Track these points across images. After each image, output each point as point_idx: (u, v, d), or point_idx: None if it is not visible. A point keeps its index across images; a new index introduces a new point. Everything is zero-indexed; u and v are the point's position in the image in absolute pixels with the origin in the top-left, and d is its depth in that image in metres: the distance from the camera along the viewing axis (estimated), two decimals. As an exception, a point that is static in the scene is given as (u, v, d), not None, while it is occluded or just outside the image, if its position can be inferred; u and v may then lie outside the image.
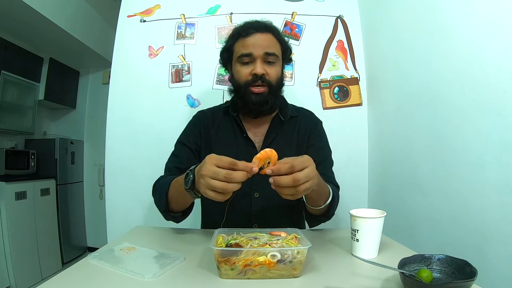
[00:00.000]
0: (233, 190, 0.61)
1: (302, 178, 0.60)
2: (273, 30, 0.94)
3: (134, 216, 1.45)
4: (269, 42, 0.92)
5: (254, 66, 0.91)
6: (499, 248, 0.79)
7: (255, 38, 0.91)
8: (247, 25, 0.93)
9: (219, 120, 1.02)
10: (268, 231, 0.67)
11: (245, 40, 0.91)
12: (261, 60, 0.91)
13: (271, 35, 0.93)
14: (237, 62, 0.93)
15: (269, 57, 0.91)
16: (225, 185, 0.60)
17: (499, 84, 0.79)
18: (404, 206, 1.21)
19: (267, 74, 0.91)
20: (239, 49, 0.92)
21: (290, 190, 0.62)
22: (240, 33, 0.92)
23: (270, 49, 0.91)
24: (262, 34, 0.91)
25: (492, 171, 0.82)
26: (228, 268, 0.57)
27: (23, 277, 2.35)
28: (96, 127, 3.37)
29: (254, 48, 0.90)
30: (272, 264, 0.57)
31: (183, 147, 0.99)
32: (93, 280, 0.57)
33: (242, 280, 0.57)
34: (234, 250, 0.57)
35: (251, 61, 0.91)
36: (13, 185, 2.39)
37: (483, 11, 0.85)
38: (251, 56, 0.90)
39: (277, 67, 0.94)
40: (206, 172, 0.61)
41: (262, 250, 0.57)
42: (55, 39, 2.72)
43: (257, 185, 0.92)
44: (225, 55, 0.98)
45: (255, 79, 0.90)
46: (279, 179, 0.61)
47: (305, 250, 0.58)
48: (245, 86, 0.92)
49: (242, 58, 0.91)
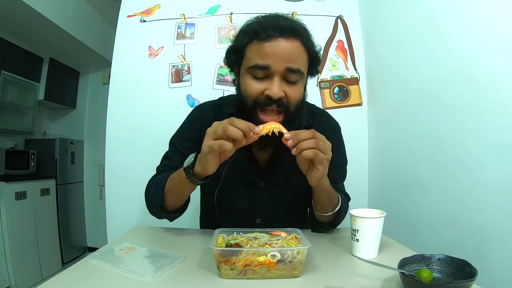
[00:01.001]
0: (233, 132, 0.60)
1: (320, 138, 0.64)
2: (302, 35, 0.71)
3: (134, 216, 1.44)
4: (295, 53, 0.70)
5: (269, 84, 0.70)
6: (499, 248, 0.79)
7: (277, 45, 0.68)
8: (267, 23, 0.71)
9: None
10: (268, 231, 0.67)
11: (262, 46, 0.69)
12: (280, 77, 0.70)
13: (298, 42, 0.70)
14: (247, 73, 0.72)
15: (292, 75, 0.70)
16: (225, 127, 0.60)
17: (499, 84, 0.79)
18: (404, 206, 1.21)
19: (286, 96, 0.71)
20: (253, 56, 0.70)
21: (310, 142, 0.63)
22: (258, 33, 0.70)
23: (294, 64, 0.70)
24: (287, 41, 0.69)
25: (492, 171, 0.82)
26: (228, 268, 0.57)
27: (23, 277, 2.35)
28: (96, 127, 3.37)
29: (274, 60, 0.68)
30: (272, 264, 0.56)
31: (176, 151, 0.87)
32: (93, 280, 0.57)
33: (242, 280, 0.57)
34: (234, 250, 0.57)
35: (266, 76, 0.70)
36: (13, 185, 2.39)
37: (483, 11, 0.85)
38: (268, 70, 0.69)
39: (300, 86, 0.73)
40: (209, 129, 0.63)
41: (262, 250, 0.57)
42: (55, 39, 2.72)
43: (260, 209, 0.87)
44: (232, 57, 0.77)
45: (268, 101, 0.70)
46: (300, 134, 0.63)
47: (305, 250, 0.58)
48: (253, 107, 0.72)
49: (255, 70, 0.70)
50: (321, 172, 0.68)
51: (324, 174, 0.70)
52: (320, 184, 0.73)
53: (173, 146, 0.90)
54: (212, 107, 0.91)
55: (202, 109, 0.92)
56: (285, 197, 0.86)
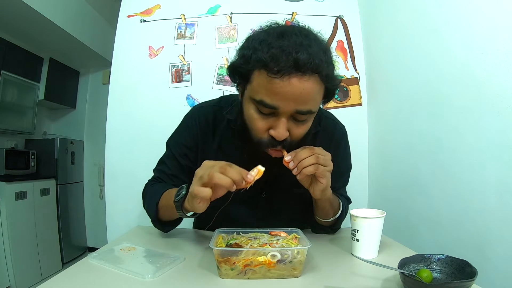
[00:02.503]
0: (219, 181, 0.57)
1: (318, 150, 0.64)
2: (321, 69, 0.59)
3: (134, 216, 1.44)
4: (309, 94, 0.60)
5: (275, 124, 0.63)
6: (499, 248, 0.79)
7: (290, 85, 0.57)
8: (282, 55, 0.57)
9: (221, 133, 0.81)
10: (268, 231, 0.68)
11: (272, 83, 0.58)
12: (287, 118, 0.62)
13: (316, 80, 0.59)
14: (252, 103, 0.64)
15: (301, 116, 0.63)
16: (212, 173, 0.57)
17: (499, 84, 0.79)
18: (404, 206, 1.21)
19: (290, 135, 0.65)
20: (260, 89, 0.60)
21: (310, 159, 0.63)
22: (268, 65, 0.58)
23: (305, 106, 0.61)
24: (303, 79, 0.58)
25: (492, 171, 0.82)
26: (228, 268, 0.57)
27: (23, 277, 2.35)
28: (96, 127, 3.37)
29: (283, 102, 0.59)
30: (272, 264, 0.56)
31: (172, 156, 0.84)
32: (93, 280, 0.57)
33: (242, 280, 0.57)
34: (234, 250, 0.57)
35: (272, 113, 0.63)
36: (13, 185, 2.39)
37: (482, 11, 0.85)
38: (275, 110, 0.61)
39: (309, 122, 0.67)
40: (200, 169, 0.60)
41: (262, 250, 0.57)
42: (55, 39, 2.72)
43: (262, 220, 0.83)
44: (236, 77, 0.68)
45: (273, 142, 0.65)
46: (299, 153, 0.63)
47: (305, 250, 0.58)
48: (258, 145, 0.67)
49: (261, 106, 0.62)
50: (324, 184, 0.68)
51: (327, 186, 0.70)
52: (323, 195, 0.73)
53: (169, 151, 0.87)
54: (212, 108, 0.85)
55: (200, 111, 0.86)
56: (288, 208, 0.86)
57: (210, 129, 0.82)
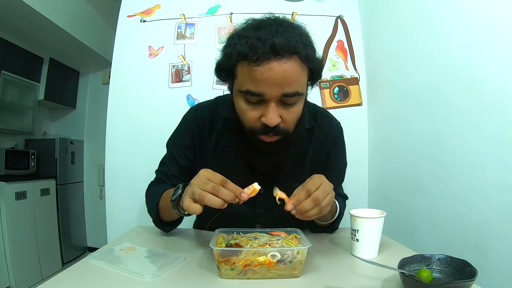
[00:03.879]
0: (209, 202, 0.57)
1: (320, 195, 0.60)
2: (299, 50, 0.61)
3: (134, 216, 1.44)
4: (292, 75, 0.61)
5: (265, 111, 0.63)
6: (499, 248, 0.79)
7: (270, 70, 0.59)
8: (258, 43, 0.59)
9: (218, 132, 0.83)
10: (268, 231, 0.68)
11: (254, 70, 0.60)
12: (276, 103, 0.63)
13: (296, 61, 0.61)
14: (240, 95, 0.65)
15: (289, 99, 0.63)
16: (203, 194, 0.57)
17: (499, 84, 0.79)
18: (404, 206, 1.21)
19: (283, 121, 0.65)
20: (244, 80, 0.62)
21: (313, 211, 0.61)
22: (247, 55, 0.60)
23: (291, 88, 0.61)
24: (282, 62, 0.59)
25: (492, 171, 0.82)
26: (228, 268, 0.57)
27: (23, 277, 2.35)
28: (96, 127, 3.37)
29: (268, 87, 0.60)
30: (272, 264, 0.56)
31: (171, 157, 0.86)
32: (93, 280, 0.57)
33: (242, 280, 0.57)
34: (234, 250, 0.57)
35: (261, 100, 0.64)
36: (13, 185, 2.39)
37: (482, 11, 0.85)
38: (262, 97, 0.62)
39: (299, 106, 0.67)
40: (195, 181, 0.59)
41: (262, 250, 0.57)
42: (55, 39, 2.72)
43: (260, 216, 0.85)
44: (222, 74, 0.70)
45: (266, 129, 0.65)
46: (302, 206, 0.60)
47: (305, 250, 0.58)
48: (251, 134, 0.67)
49: (249, 96, 0.63)
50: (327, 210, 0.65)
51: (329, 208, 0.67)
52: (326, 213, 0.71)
53: (169, 152, 0.89)
54: (208, 108, 0.87)
55: (196, 112, 0.87)
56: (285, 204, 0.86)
57: (207, 128, 0.84)
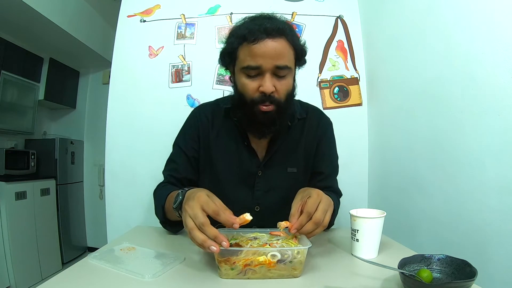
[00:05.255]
0: (197, 240, 0.57)
1: (320, 216, 0.63)
2: (286, 33, 0.78)
3: (134, 216, 1.44)
4: (281, 51, 0.76)
5: (262, 81, 0.77)
6: (499, 248, 0.79)
7: (265, 46, 0.75)
8: (255, 27, 0.76)
9: (219, 123, 0.93)
10: (268, 231, 0.68)
11: (252, 48, 0.75)
12: (270, 74, 0.77)
13: (284, 40, 0.77)
14: (241, 72, 0.80)
15: (280, 71, 0.78)
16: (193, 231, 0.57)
17: (499, 84, 0.79)
18: (404, 206, 1.21)
19: (276, 91, 0.78)
20: (245, 57, 0.78)
21: (316, 231, 0.64)
22: (246, 36, 0.76)
23: (281, 61, 0.76)
24: (274, 41, 0.75)
25: (492, 171, 0.82)
26: (228, 268, 0.57)
27: (23, 277, 2.35)
28: (96, 127, 3.37)
29: (263, 60, 0.75)
30: (272, 264, 0.57)
31: (180, 152, 0.93)
32: (93, 280, 0.57)
33: (242, 280, 0.57)
34: (234, 250, 0.57)
35: (258, 73, 0.78)
36: (13, 185, 2.39)
37: (483, 11, 0.85)
38: (259, 69, 0.77)
39: (289, 79, 0.81)
40: (189, 210, 0.59)
41: (262, 250, 0.57)
42: (55, 39, 2.72)
43: (259, 198, 0.90)
44: (226, 59, 0.84)
45: (263, 98, 0.78)
46: (304, 229, 0.63)
47: (305, 250, 0.58)
48: (252, 104, 0.79)
49: (248, 70, 0.78)
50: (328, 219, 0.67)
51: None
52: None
53: (178, 147, 0.94)
54: (210, 106, 0.98)
55: (199, 109, 0.99)
56: (282, 185, 0.90)
57: (210, 121, 0.94)
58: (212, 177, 0.91)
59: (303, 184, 0.88)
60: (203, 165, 0.92)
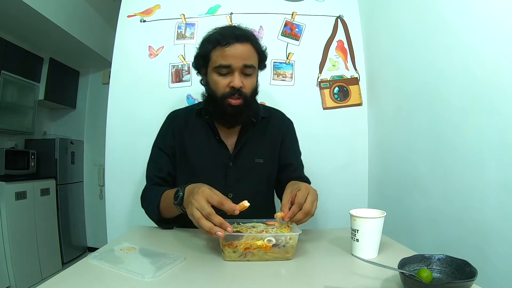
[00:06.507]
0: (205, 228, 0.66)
1: (309, 206, 0.72)
2: (252, 40, 0.92)
3: (134, 216, 1.44)
4: (248, 53, 0.90)
5: (232, 78, 0.90)
6: (499, 248, 0.79)
7: (235, 49, 0.88)
8: (226, 33, 0.90)
9: (192, 122, 1.03)
10: (264, 221, 0.78)
11: (224, 50, 0.88)
12: (239, 72, 0.90)
13: (250, 45, 0.91)
14: (214, 72, 0.92)
15: (247, 70, 0.91)
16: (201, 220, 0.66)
17: (499, 84, 0.79)
18: (404, 206, 1.21)
19: (244, 86, 0.91)
20: (217, 58, 0.90)
21: (305, 218, 0.73)
22: (220, 41, 0.89)
23: (248, 61, 0.90)
24: (242, 45, 0.89)
25: (492, 171, 0.82)
26: (231, 251, 0.65)
27: (23, 277, 2.35)
28: (96, 127, 3.37)
29: (234, 60, 0.88)
30: (268, 248, 0.65)
31: (160, 152, 1.01)
32: (93, 280, 0.57)
33: (242, 262, 0.65)
34: (236, 235, 0.66)
35: (228, 72, 0.90)
36: (13, 185, 2.39)
37: (483, 11, 0.85)
38: (230, 68, 0.89)
39: (253, 78, 0.95)
40: (195, 203, 0.68)
41: (260, 235, 0.66)
42: (55, 39, 2.72)
43: (231, 186, 0.97)
44: (200, 61, 0.96)
45: (233, 92, 0.90)
46: (296, 218, 0.72)
47: (297, 236, 0.67)
48: (222, 98, 0.91)
49: (220, 69, 0.90)
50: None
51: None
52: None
53: (157, 148, 1.03)
54: (183, 109, 1.11)
55: (173, 112, 1.10)
56: (251, 175, 1.00)
57: (183, 121, 1.04)
58: (187, 170, 1.00)
59: (270, 174, 1.04)
60: (179, 160, 1.01)
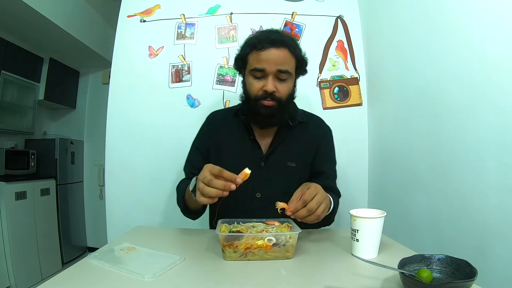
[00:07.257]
0: (210, 194, 0.69)
1: (313, 205, 0.72)
2: (289, 45, 0.91)
3: (134, 216, 1.45)
4: (284, 59, 0.90)
5: (265, 82, 0.90)
6: (499, 248, 0.79)
7: (269, 53, 0.89)
8: (263, 37, 0.91)
9: (229, 122, 1.05)
10: (264, 221, 0.77)
11: (259, 54, 0.90)
12: (273, 76, 0.90)
13: (286, 50, 0.90)
14: (249, 74, 0.93)
15: (281, 75, 0.90)
16: (204, 188, 0.69)
17: (499, 84, 0.79)
18: (404, 206, 1.21)
19: (278, 91, 0.91)
20: (253, 62, 0.92)
21: (310, 218, 0.73)
22: (255, 45, 0.91)
23: (283, 66, 0.90)
24: (277, 50, 0.89)
25: (492, 171, 0.82)
26: (231, 251, 0.65)
27: (23, 277, 2.35)
28: (96, 127, 3.37)
29: (267, 64, 0.89)
30: (268, 247, 0.66)
31: (196, 151, 1.06)
32: (93, 280, 0.57)
33: (242, 262, 0.64)
34: (236, 235, 0.66)
35: (263, 76, 0.91)
36: (13, 185, 2.39)
37: (483, 11, 0.85)
38: (264, 72, 0.90)
39: (289, 83, 0.94)
40: (200, 176, 0.71)
41: (260, 235, 0.66)
42: (55, 39, 2.72)
43: (260, 186, 0.97)
44: (239, 63, 0.98)
45: (265, 95, 0.91)
46: (298, 214, 0.72)
47: (296, 235, 0.67)
48: (255, 100, 0.92)
49: (255, 72, 0.91)
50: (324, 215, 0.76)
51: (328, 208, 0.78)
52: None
53: (194, 146, 1.08)
54: (221, 110, 1.15)
55: (210, 114, 1.12)
56: (281, 177, 0.99)
57: (221, 122, 1.07)
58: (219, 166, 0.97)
59: (301, 178, 0.98)
60: (214, 157, 1.02)
